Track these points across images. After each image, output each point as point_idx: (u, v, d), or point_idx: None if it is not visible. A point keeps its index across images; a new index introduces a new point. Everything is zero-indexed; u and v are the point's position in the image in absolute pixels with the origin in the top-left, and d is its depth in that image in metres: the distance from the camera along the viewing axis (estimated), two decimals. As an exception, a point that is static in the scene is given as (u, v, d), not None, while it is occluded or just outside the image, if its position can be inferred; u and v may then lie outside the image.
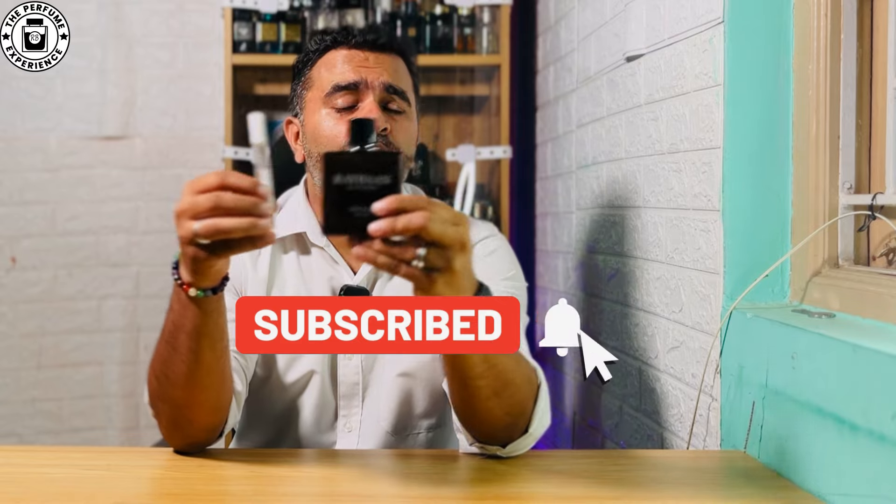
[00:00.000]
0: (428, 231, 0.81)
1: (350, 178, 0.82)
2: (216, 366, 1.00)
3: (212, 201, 0.85)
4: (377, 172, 0.82)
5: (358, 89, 1.21)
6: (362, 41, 1.24)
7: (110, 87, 2.69)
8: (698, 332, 1.29)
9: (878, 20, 1.13)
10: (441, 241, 0.82)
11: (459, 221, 0.84)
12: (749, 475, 1.04)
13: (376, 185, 0.82)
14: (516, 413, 1.01)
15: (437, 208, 0.83)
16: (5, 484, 0.97)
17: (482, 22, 2.46)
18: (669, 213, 1.40)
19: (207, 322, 0.95)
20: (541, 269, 2.45)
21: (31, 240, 2.66)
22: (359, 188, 0.82)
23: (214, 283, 0.93)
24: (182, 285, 0.93)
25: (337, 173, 0.82)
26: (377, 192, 0.82)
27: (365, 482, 1.01)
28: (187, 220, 0.86)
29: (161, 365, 1.00)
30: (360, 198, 0.82)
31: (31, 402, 2.66)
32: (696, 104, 1.29)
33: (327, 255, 1.24)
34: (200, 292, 0.93)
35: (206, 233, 0.85)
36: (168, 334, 0.98)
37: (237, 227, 0.85)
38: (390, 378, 1.24)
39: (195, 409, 1.03)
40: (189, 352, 0.97)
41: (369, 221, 0.81)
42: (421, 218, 0.81)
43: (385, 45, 1.25)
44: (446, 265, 0.83)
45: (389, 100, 1.23)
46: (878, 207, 1.09)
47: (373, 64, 1.23)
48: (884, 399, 0.83)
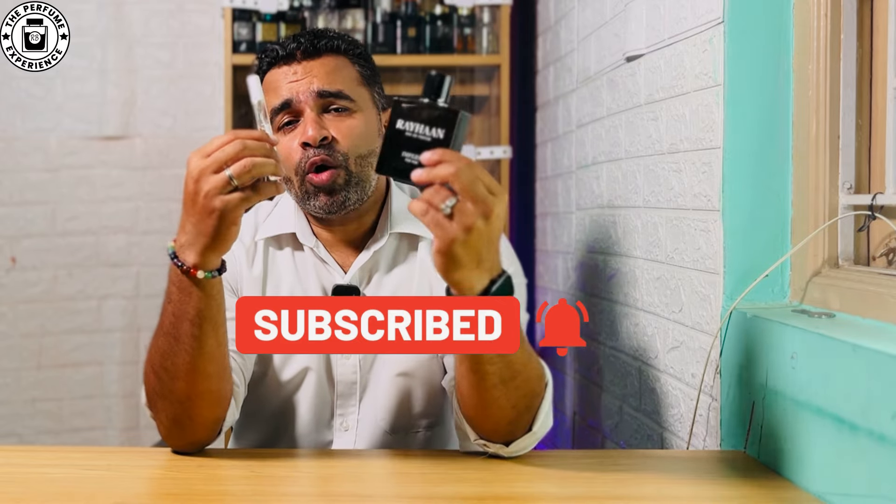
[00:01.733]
0: (457, 178, 0.83)
1: (410, 125, 0.88)
2: (218, 353, 1.01)
3: (239, 146, 0.91)
4: (435, 125, 0.87)
5: (292, 106, 1.20)
6: (285, 54, 1.22)
7: (110, 87, 2.69)
8: (698, 332, 1.29)
9: (878, 20, 1.13)
10: (467, 192, 0.84)
11: (495, 190, 0.86)
12: (749, 475, 1.04)
13: (431, 137, 0.87)
14: (522, 407, 1.02)
15: (477, 169, 0.85)
16: (5, 484, 0.97)
17: (482, 22, 2.46)
18: (669, 213, 1.40)
19: (211, 305, 0.98)
20: (541, 269, 2.45)
21: (31, 240, 2.66)
22: (416, 136, 0.88)
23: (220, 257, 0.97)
24: (188, 270, 0.95)
25: (400, 118, 0.88)
26: (430, 143, 0.87)
27: (364, 482, 1.01)
28: (211, 175, 0.91)
29: (161, 359, 1.01)
30: (415, 145, 0.87)
31: (31, 402, 2.66)
32: (696, 104, 1.29)
33: (317, 254, 1.25)
34: (208, 274, 0.96)
35: (244, 170, 0.90)
36: (168, 325, 0.99)
37: (268, 162, 0.92)
38: (389, 377, 1.24)
39: (196, 402, 1.03)
40: (192, 339, 0.98)
41: (415, 168, 0.86)
42: (452, 166, 0.84)
43: (309, 49, 1.21)
44: (467, 221, 0.84)
45: (328, 104, 1.20)
46: (878, 207, 1.09)
47: (301, 75, 1.20)
48: (884, 399, 0.83)
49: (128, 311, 2.73)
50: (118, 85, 2.69)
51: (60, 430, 2.68)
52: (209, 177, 0.91)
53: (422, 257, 1.26)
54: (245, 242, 1.25)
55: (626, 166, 1.62)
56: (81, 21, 2.61)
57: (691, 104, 1.31)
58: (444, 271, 0.88)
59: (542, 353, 2.47)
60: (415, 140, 0.87)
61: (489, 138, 2.54)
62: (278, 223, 1.26)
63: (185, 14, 2.72)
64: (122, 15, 2.68)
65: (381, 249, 1.24)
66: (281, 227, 1.26)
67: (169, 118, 2.73)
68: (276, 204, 1.30)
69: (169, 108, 2.73)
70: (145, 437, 2.71)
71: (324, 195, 1.18)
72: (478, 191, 0.84)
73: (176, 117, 2.73)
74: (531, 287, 2.43)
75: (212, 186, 0.91)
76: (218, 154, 0.91)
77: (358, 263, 1.24)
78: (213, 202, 0.92)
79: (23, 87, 2.63)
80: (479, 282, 0.89)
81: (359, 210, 1.23)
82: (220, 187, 0.91)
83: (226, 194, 0.91)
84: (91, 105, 2.69)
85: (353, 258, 1.25)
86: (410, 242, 1.27)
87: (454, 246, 0.85)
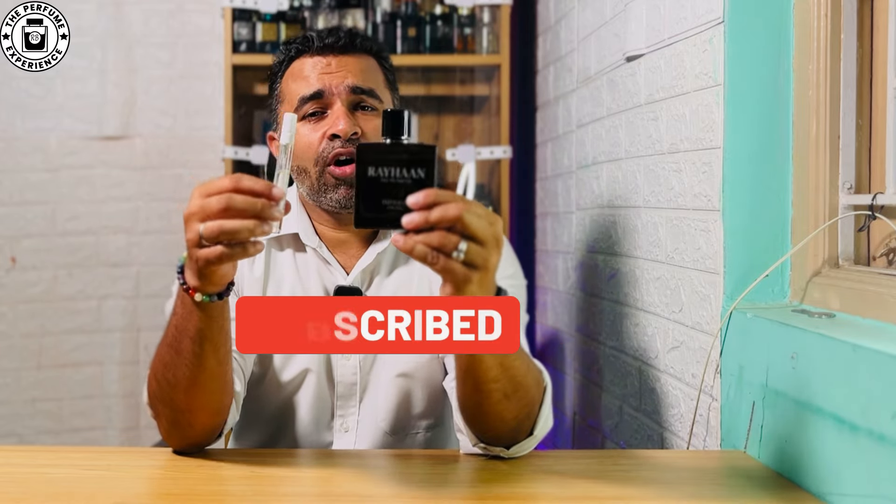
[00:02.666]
0: (464, 223, 0.80)
1: (383, 171, 0.81)
2: (218, 370, 1.00)
3: (223, 202, 0.84)
4: (412, 165, 0.81)
5: (323, 97, 1.21)
6: (323, 46, 1.23)
7: (110, 87, 2.69)
8: (698, 332, 1.29)
9: (878, 20, 1.13)
10: (477, 235, 0.81)
11: (493, 220, 0.83)
12: (749, 475, 1.04)
13: (411, 178, 0.81)
14: (524, 416, 1.02)
15: (472, 205, 0.81)
16: (5, 484, 0.97)
17: (482, 22, 2.46)
18: (669, 213, 1.40)
19: (212, 327, 0.95)
20: (541, 269, 2.45)
21: (31, 240, 2.66)
22: (392, 181, 0.81)
23: (220, 287, 0.93)
24: (187, 290, 0.92)
25: (370, 165, 0.82)
26: (412, 186, 0.81)
27: (364, 482, 1.01)
28: (196, 223, 0.86)
29: (163, 368, 1.00)
30: (394, 190, 0.81)
31: (31, 402, 2.66)
32: (696, 104, 1.29)
33: (320, 255, 1.24)
34: (206, 297, 0.92)
35: (210, 234, 0.85)
36: (171, 338, 0.98)
37: (242, 228, 0.84)
38: (389, 378, 1.24)
39: (196, 413, 1.03)
40: (192, 356, 0.96)
41: (402, 214, 0.80)
42: (456, 209, 0.80)
43: (347, 45, 1.23)
44: (483, 263, 0.82)
45: (359, 101, 1.22)
46: (878, 207, 1.09)
47: (336, 68, 1.22)
48: (884, 399, 0.83)
49: (128, 311, 2.73)
50: (118, 85, 2.69)
51: (60, 430, 2.68)
52: (193, 224, 0.87)
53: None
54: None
55: (627, 166, 1.62)
56: (81, 21, 2.61)
57: (691, 104, 1.31)
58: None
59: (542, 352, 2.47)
60: (393, 185, 0.81)
61: (489, 138, 2.54)
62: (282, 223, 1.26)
63: (185, 14, 2.72)
64: (122, 15, 2.68)
65: (384, 251, 1.24)
66: (284, 228, 1.26)
67: (169, 118, 2.73)
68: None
69: (169, 108, 2.73)
70: (145, 437, 2.71)
71: (345, 188, 1.19)
72: (486, 231, 0.81)
73: (176, 117, 2.73)
74: (531, 287, 2.44)
75: (190, 236, 0.87)
76: (206, 203, 0.86)
77: (361, 265, 1.24)
78: (190, 252, 0.89)
79: (23, 87, 2.63)
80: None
81: None
82: (194, 241, 0.87)
83: (199, 248, 0.87)
84: (91, 105, 2.69)
85: (355, 260, 1.25)
86: None
87: (469, 287, 0.83)
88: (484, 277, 0.83)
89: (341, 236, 1.26)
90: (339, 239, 1.26)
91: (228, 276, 0.92)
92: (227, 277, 0.92)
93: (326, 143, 1.19)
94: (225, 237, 0.85)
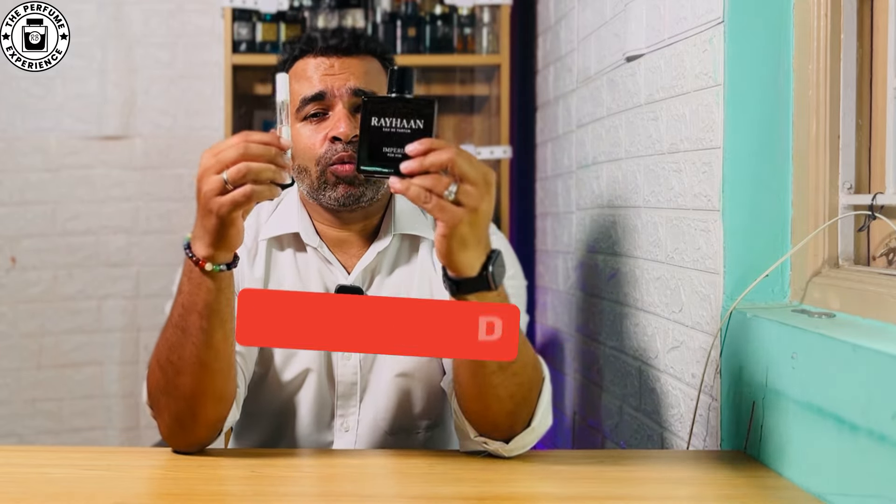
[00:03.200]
0: (455, 165, 0.86)
1: (386, 121, 0.88)
2: (224, 348, 1.02)
3: (240, 149, 0.91)
4: (412, 117, 0.88)
5: (325, 99, 1.21)
6: (326, 47, 1.23)
7: (110, 87, 2.69)
8: (698, 332, 1.29)
9: (878, 20, 1.13)
10: (467, 176, 0.87)
11: (485, 169, 0.89)
12: (749, 475, 1.04)
13: (410, 129, 0.88)
14: (520, 398, 1.02)
15: (464, 153, 0.88)
16: (5, 484, 0.97)
17: (482, 22, 2.46)
18: (669, 213, 1.40)
19: (220, 298, 0.98)
20: (541, 269, 2.45)
21: (31, 240, 2.66)
22: (394, 130, 0.88)
23: (231, 252, 0.97)
24: (198, 262, 0.96)
25: (374, 115, 0.88)
26: (410, 135, 0.88)
27: (364, 482, 1.01)
28: (213, 175, 0.92)
29: (168, 352, 1.01)
30: (395, 139, 0.88)
31: (31, 402, 2.66)
32: (696, 104, 1.29)
33: (321, 254, 1.25)
34: (216, 267, 0.97)
35: (237, 176, 0.91)
36: (177, 318, 1.00)
37: (265, 168, 0.91)
38: (389, 378, 1.24)
39: (201, 399, 1.03)
40: (199, 331, 0.99)
41: (401, 161, 0.87)
42: (448, 154, 0.86)
43: (350, 47, 1.23)
44: (473, 203, 0.88)
45: (360, 103, 1.22)
46: (878, 207, 1.09)
47: (339, 70, 1.22)
48: (884, 399, 0.83)
49: (128, 311, 2.73)
50: (118, 85, 2.69)
51: (60, 430, 2.68)
52: (210, 177, 0.92)
53: (422, 258, 1.26)
54: (247, 243, 1.25)
55: (627, 166, 1.62)
56: (81, 21, 2.61)
57: (691, 104, 1.31)
58: (449, 254, 0.90)
59: (542, 352, 2.47)
60: (394, 134, 0.88)
61: (489, 138, 2.54)
62: (280, 224, 1.26)
63: (185, 14, 2.72)
64: (122, 15, 2.68)
65: (385, 250, 1.25)
66: (283, 228, 1.26)
67: (169, 118, 2.73)
68: (277, 205, 1.30)
69: (169, 108, 2.73)
70: (145, 437, 2.71)
71: (344, 186, 1.19)
72: (476, 172, 0.88)
73: (176, 117, 2.73)
74: (531, 287, 2.43)
75: (210, 187, 0.92)
76: (221, 155, 0.92)
77: (363, 264, 1.24)
78: (211, 203, 0.93)
79: (23, 87, 2.63)
80: (479, 260, 0.92)
81: (367, 210, 1.23)
82: (216, 189, 0.92)
83: (220, 196, 0.92)
84: (91, 105, 2.69)
85: (356, 259, 1.25)
86: (412, 244, 1.27)
87: (461, 228, 0.88)
88: (474, 218, 0.88)
89: (342, 235, 1.26)
90: (340, 238, 1.26)
91: (240, 238, 0.97)
92: (239, 238, 0.97)
93: (328, 146, 1.19)
94: (252, 176, 0.91)
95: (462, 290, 0.93)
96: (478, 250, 0.91)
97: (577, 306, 2.00)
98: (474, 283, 0.92)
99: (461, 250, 0.90)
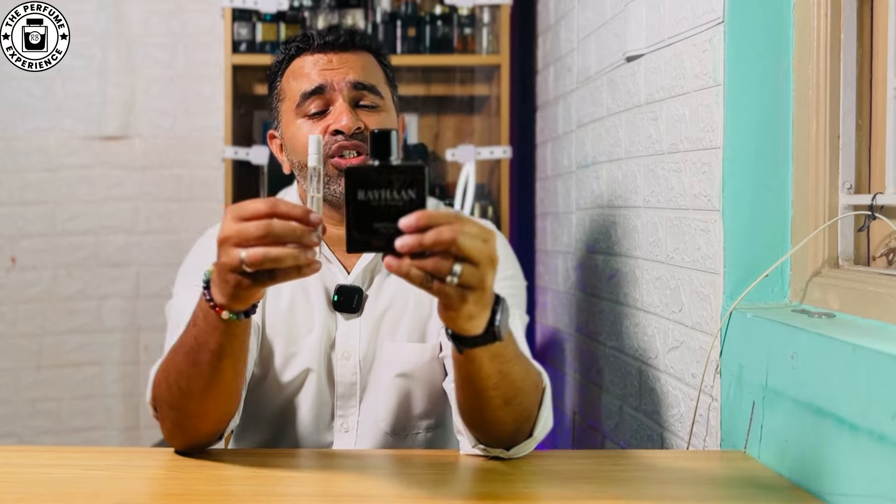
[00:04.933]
0: (459, 246, 0.77)
1: (374, 194, 0.79)
2: (234, 383, 1.01)
3: (262, 229, 0.81)
4: (402, 186, 0.79)
5: (325, 93, 1.21)
6: (323, 43, 1.24)
7: (110, 87, 2.69)
8: (698, 332, 1.29)
9: (878, 20, 1.13)
10: (472, 256, 0.78)
11: (488, 237, 0.80)
12: (749, 475, 1.04)
13: (402, 200, 0.79)
14: (523, 420, 1.02)
15: (466, 223, 0.79)
16: (5, 484, 0.97)
17: (482, 22, 2.46)
18: (669, 213, 1.40)
19: (233, 343, 0.94)
20: (541, 269, 2.45)
21: (31, 240, 2.66)
22: (383, 203, 0.79)
23: (248, 306, 0.91)
24: (214, 307, 0.90)
25: (360, 189, 0.79)
26: (403, 208, 0.79)
27: (365, 482, 1.01)
28: (232, 248, 0.83)
29: (177, 375, 0.99)
30: (386, 213, 0.79)
31: (31, 402, 2.66)
32: (696, 104, 1.29)
33: (321, 255, 1.24)
34: (233, 315, 0.90)
35: (255, 261, 0.81)
36: (189, 349, 0.96)
37: (287, 256, 0.81)
38: (389, 379, 1.24)
39: (203, 419, 1.03)
40: (210, 369, 0.96)
41: (395, 237, 0.78)
42: (451, 232, 0.77)
43: (347, 43, 1.25)
44: (479, 283, 0.80)
45: (360, 97, 1.23)
46: (878, 207, 1.09)
47: (337, 65, 1.23)
48: (884, 399, 0.83)
49: (128, 311, 2.73)
50: (118, 85, 2.69)
51: (60, 430, 2.68)
52: (229, 249, 0.83)
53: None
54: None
55: (626, 166, 1.62)
56: (81, 21, 2.61)
57: (691, 104, 1.31)
58: (453, 325, 0.85)
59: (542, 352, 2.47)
60: (384, 208, 0.79)
61: (489, 138, 2.54)
62: None
63: (185, 14, 2.72)
64: (122, 15, 2.68)
65: None
66: None
67: (169, 118, 2.73)
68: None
69: (169, 108, 2.73)
70: (145, 437, 2.71)
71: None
72: (480, 251, 0.79)
73: (176, 117, 2.74)
74: (531, 287, 2.43)
75: (227, 260, 0.84)
76: (243, 228, 0.82)
77: (362, 264, 1.24)
78: (227, 275, 0.85)
79: (23, 87, 2.64)
80: (485, 319, 0.86)
81: None
82: (233, 266, 0.83)
83: (238, 274, 0.84)
84: (91, 105, 2.69)
85: (356, 258, 1.25)
86: None
87: (466, 308, 0.81)
88: (480, 297, 0.81)
89: (342, 233, 1.25)
90: (340, 236, 1.26)
91: (260, 296, 0.90)
92: (258, 297, 0.90)
93: (329, 138, 1.20)
94: (269, 264, 0.82)
95: (468, 346, 0.88)
96: (484, 312, 0.84)
97: (576, 306, 2.00)
98: (481, 339, 0.87)
99: (466, 322, 0.83)
